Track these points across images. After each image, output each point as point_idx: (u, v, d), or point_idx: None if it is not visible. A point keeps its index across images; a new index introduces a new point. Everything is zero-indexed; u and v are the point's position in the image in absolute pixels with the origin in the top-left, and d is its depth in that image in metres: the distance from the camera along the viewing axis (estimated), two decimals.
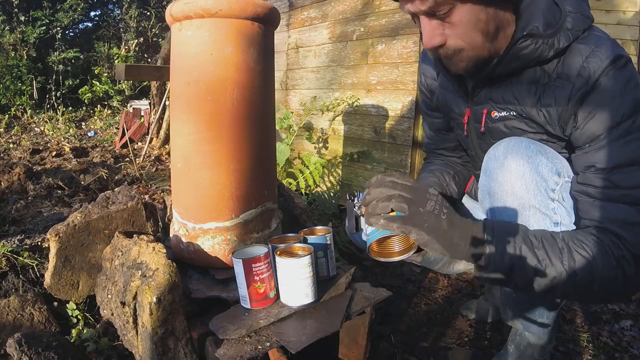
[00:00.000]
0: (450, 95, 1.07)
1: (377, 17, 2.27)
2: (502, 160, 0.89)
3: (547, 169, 0.86)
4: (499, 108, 0.93)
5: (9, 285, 1.33)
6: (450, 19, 0.79)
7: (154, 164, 3.72)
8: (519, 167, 0.86)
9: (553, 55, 0.83)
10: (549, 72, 0.85)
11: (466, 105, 1.01)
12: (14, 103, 6.33)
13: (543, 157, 0.86)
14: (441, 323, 1.45)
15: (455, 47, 0.83)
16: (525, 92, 0.88)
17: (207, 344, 0.87)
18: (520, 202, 0.86)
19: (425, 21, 0.81)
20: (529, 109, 0.88)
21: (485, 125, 0.97)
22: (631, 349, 1.32)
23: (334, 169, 2.58)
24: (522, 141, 0.89)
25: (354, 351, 1.07)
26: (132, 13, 7.84)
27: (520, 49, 0.82)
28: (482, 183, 0.96)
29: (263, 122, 1.09)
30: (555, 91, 0.84)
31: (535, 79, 0.87)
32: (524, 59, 0.84)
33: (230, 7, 0.97)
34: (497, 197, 0.90)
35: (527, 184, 0.85)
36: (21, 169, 2.60)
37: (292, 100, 2.97)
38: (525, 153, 0.86)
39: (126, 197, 1.21)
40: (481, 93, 0.95)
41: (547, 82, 0.85)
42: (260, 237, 1.11)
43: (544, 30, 0.80)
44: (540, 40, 0.81)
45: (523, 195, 0.86)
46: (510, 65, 0.86)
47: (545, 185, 0.85)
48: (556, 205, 0.86)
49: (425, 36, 0.83)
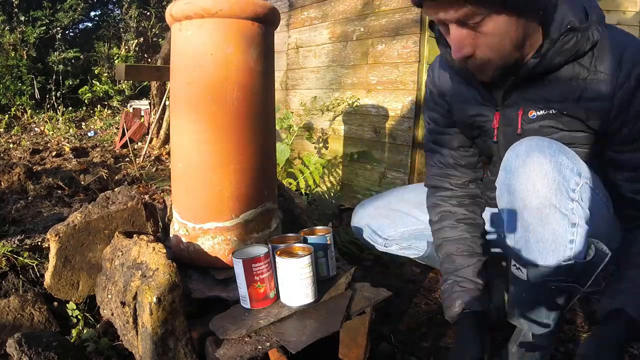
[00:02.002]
0: (468, 105, 1.05)
1: (377, 17, 2.27)
2: (524, 158, 0.88)
3: (568, 169, 0.85)
4: (537, 107, 0.93)
5: (9, 285, 1.33)
6: (482, 29, 0.79)
7: (154, 164, 3.72)
8: (542, 165, 0.85)
9: (589, 48, 0.83)
10: (586, 67, 0.86)
11: (494, 110, 1.00)
12: (14, 103, 6.33)
13: (565, 157, 0.86)
14: (441, 323, 1.45)
15: (483, 57, 0.83)
16: (566, 87, 0.88)
17: (207, 344, 0.87)
18: (541, 201, 0.85)
19: (456, 30, 0.81)
20: (572, 105, 0.88)
21: (522, 127, 0.96)
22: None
23: (334, 169, 2.58)
24: (544, 140, 0.89)
25: (354, 351, 1.07)
26: (132, 13, 7.84)
27: (564, 44, 0.82)
28: (501, 180, 0.95)
29: (263, 122, 1.09)
30: (598, 84, 0.84)
31: (575, 74, 0.87)
32: (566, 53, 0.84)
33: (231, 7, 0.97)
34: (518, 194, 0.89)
35: (549, 182, 0.85)
36: (21, 169, 2.60)
37: (292, 100, 2.97)
38: (548, 152, 0.86)
39: (126, 197, 1.21)
40: (513, 95, 0.95)
41: (587, 77, 0.86)
42: (260, 237, 1.11)
43: (580, 24, 0.82)
44: (580, 34, 0.81)
45: (545, 193, 0.85)
46: (552, 63, 0.85)
47: (567, 185, 0.85)
48: (575, 206, 0.85)
49: (454, 46, 0.83)
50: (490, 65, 0.85)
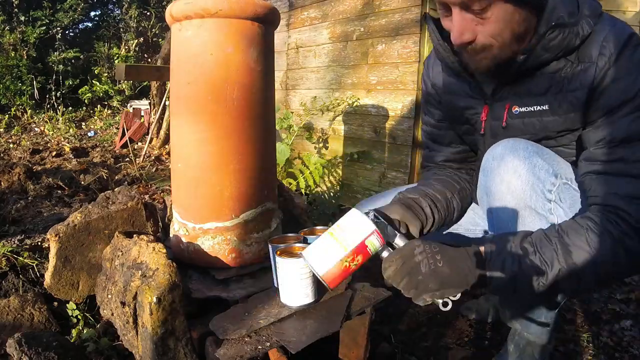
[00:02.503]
0: (458, 98, 1.05)
1: (377, 17, 2.27)
2: (499, 160, 0.89)
3: (543, 171, 0.86)
4: (523, 103, 0.93)
5: (9, 285, 1.33)
6: (486, 15, 0.79)
7: (154, 164, 3.72)
8: (517, 167, 0.86)
9: (579, 43, 0.83)
10: (571, 60, 0.86)
11: (483, 103, 1.01)
12: (14, 103, 6.33)
13: (539, 158, 0.87)
14: (441, 323, 1.45)
15: (484, 44, 0.82)
16: (551, 82, 0.88)
17: (207, 344, 0.87)
18: (517, 202, 0.87)
19: (458, 14, 0.81)
20: (554, 99, 0.88)
21: (507, 121, 0.97)
22: (631, 349, 1.32)
23: (334, 169, 2.58)
24: (520, 142, 0.89)
25: (354, 351, 1.07)
26: (132, 13, 7.85)
27: (550, 40, 0.82)
28: (481, 182, 0.96)
29: (263, 122, 1.09)
30: (580, 75, 0.84)
31: (560, 67, 0.87)
32: (554, 50, 0.83)
33: (231, 7, 0.97)
34: (495, 196, 0.90)
35: (523, 184, 0.86)
36: (21, 169, 2.61)
37: (292, 100, 2.97)
38: (523, 154, 0.87)
39: (126, 197, 1.21)
40: (504, 89, 0.95)
41: (570, 69, 0.86)
42: (260, 237, 1.11)
43: (569, 19, 0.81)
44: (567, 30, 0.81)
45: (520, 195, 0.86)
46: (540, 58, 0.85)
47: (542, 187, 0.86)
48: (553, 206, 0.86)
49: (455, 30, 0.82)
50: (489, 53, 0.84)
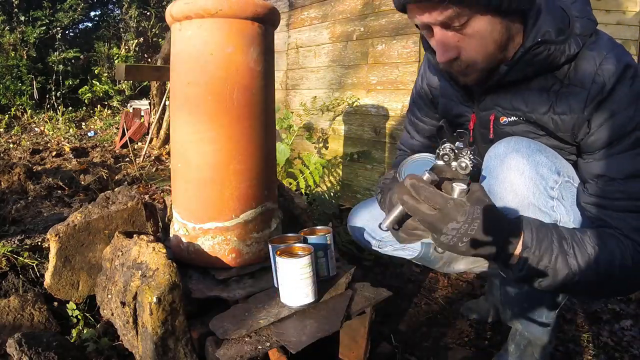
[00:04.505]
0: (452, 103, 1.05)
1: (377, 17, 2.27)
2: (502, 158, 0.89)
3: (546, 168, 0.86)
4: (508, 113, 0.93)
5: (9, 285, 1.33)
6: (467, 31, 0.78)
7: (154, 164, 3.72)
8: (519, 165, 0.86)
9: (564, 62, 0.83)
10: (560, 79, 0.85)
11: (471, 111, 1.01)
12: (14, 103, 6.33)
13: (542, 155, 0.87)
14: (441, 323, 1.45)
15: (468, 61, 0.82)
16: (536, 98, 0.88)
17: (207, 344, 0.87)
18: (520, 200, 0.86)
19: (440, 32, 0.80)
20: (540, 116, 0.88)
21: (495, 132, 0.97)
22: (631, 349, 1.32)
23: (334, 169, 2.58)
24: (522, 140, 0.89)
25: (354, 351, 1.07)
26: (132, 13, 7.84)
27: (534, 55, 0.81)
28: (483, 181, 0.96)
29: (263, 122, 1.09)
30: (570, 98, 0.84)
31: (547, 86, 0.86)
32: (537, 65, 0.83)
33: (230, 7, 0.97)
34: (498, 195, 0.90)
35: (526, 182, 0.85)
36: (21, 169, 2.60)
37: (292, 100, 2.97)
38: (525, 152, 0.87)
39: (126, 197, 1.21)
40: (487, 99, 0.95)
41: (559, 90, 0.85)
42: (260, 237, 1.11)
43: (556, 36, 0.80)
44: (553, 47, 0.80)
45: (523, 192, 0.86)
46: (523, 72, 0.85)
47: (545, 184, 0.86)
48: (555, 204, 0.86)
49: (439, 49, 0.82)
50: (475, 68, 0.84)
